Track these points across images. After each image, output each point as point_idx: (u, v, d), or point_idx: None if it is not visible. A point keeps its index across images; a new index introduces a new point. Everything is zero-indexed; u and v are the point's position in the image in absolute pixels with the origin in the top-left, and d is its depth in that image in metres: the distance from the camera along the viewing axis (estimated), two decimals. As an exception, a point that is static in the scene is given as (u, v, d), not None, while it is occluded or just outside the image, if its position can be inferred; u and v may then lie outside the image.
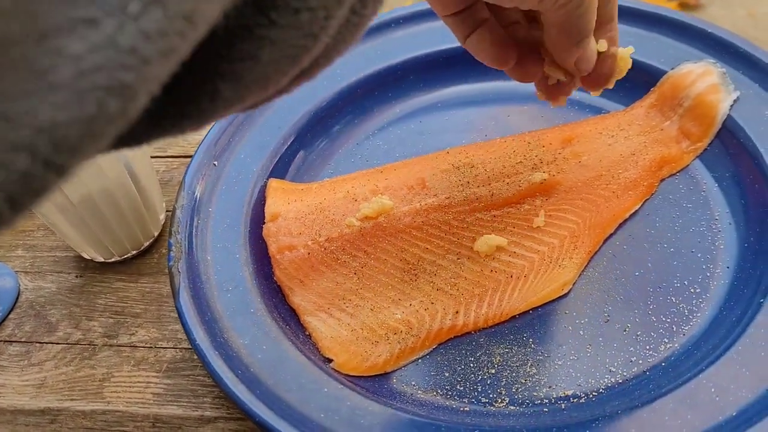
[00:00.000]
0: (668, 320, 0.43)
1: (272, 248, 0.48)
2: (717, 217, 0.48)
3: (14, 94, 0.12)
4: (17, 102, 0.12)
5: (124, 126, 0.14)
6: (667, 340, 0.42)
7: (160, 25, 0.14)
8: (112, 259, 0.52)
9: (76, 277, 0.53)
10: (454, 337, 0.44)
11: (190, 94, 0.18)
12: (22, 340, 0.49)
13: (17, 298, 0.52)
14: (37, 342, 0.49)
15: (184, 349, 0.47)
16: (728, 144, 0.50)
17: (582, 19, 0.36)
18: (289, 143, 0.54)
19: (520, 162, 0.50)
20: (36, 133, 0.13)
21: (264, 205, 0.51)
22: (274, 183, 0.52)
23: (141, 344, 0.48)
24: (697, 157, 0.51)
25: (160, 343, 0.48)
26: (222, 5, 0.15)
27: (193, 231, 0.48)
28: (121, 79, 0.13)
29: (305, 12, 0.17)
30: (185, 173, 0.50)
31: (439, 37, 0.59)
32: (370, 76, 0.58)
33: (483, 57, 0.42)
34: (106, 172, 0.46)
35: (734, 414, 0.36)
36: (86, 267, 0.53)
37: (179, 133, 0.19)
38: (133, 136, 0.18)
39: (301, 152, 0.55)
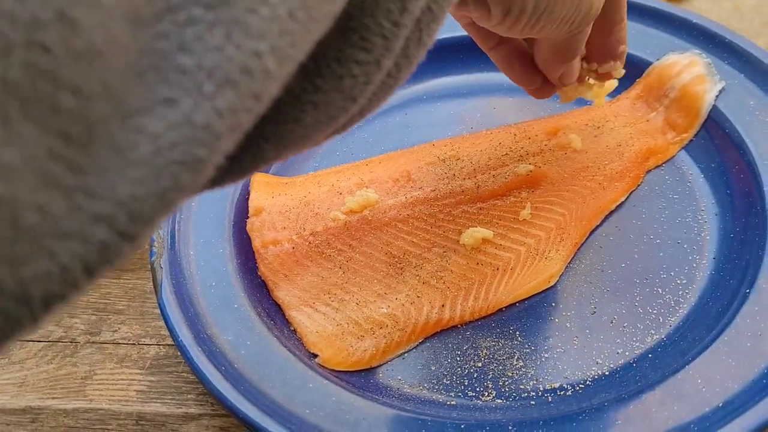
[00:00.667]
0: (654, 311, 0.43)
1: (256, 243, 0.47)
2: (703, 208, 0.47)
3: (97, 170, 0.13)
4: (100, 177, 0.13)
5: (192, 196, 0.15)
6: (653, 331, 0.42)
7: (232, 104, 0.15)
8: (94, 255, 0.52)
9: (58, 273, 0.52)
10: (441, 330, 0.44)
11: (234, 154, 0.18)
12: (3, 338, 0.48)
13: (-3, 296, 0.51)
14: (17, 340, 0.48)
15: (168, 345, 0.47)
16: (714, 134, 0.50)
17: (578, 43, 0.39)
18: (272, 136, 0.53)
19: (506, 154, 0.50)
20: (115, 206, 0.13)
21: (248, 199, 0.50)
22: (257, 176, 0.51)
23: (124, 341, 0.47)
24: (683, 148, 0.51)
25: (143, 339, 0.47)
26: (283, 82, 0.16)
27: (176, 226, 0.47)
28: (195, 153, 0.14)
29: (348, 78, 0.18)
30: (167, 167, 0.50)
31: (424, 28, 0.59)
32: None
33: (511, 77, 0.45)
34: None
35: (720, 405, 0.36)
36: (68, 263, 0.53)
37: (218, 187, 0.20)
38: None
39: (285, 145, 0.54)
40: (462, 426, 0.37)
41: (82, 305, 0.50)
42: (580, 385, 0.40)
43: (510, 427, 0.37)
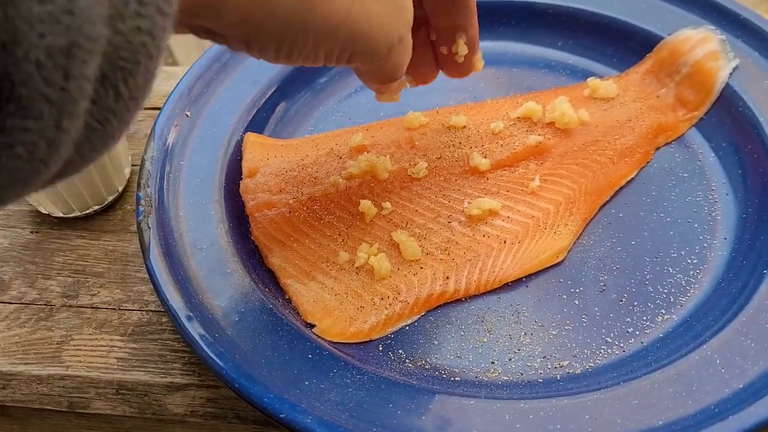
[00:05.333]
0: (665, 291, 0.42)
1: (250, 206, 0.45)
2: (714, 188, 0.46)
3: None
4: None
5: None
6: (664, 311, 0.41)
7: None
8: (72, 215, 0.48)
9: (31, 232, 0.49)
10: (444, 303, 0.42)
11: None
12: (-30, 298, 0.45)
13: (-36, 254, 0.47)
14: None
15: (152, 311, 0.44)
16: (726, 113, 0.48)
17: (390, 72, 0.36)
18: (269, 94, 0.50)
19: (514, 124, 0.48)
20: None
21: (239, 160, 0.47)
22: (251, 137, 0.48)
23: (103, 305, 0.44)
24: (694, 125, 0.49)
25: (124, 304, 0.44)
26: None
27: (164, 185, 0.44)
28: None
29: (20, 146, 0.17)
30: (155, 123, 0.47)
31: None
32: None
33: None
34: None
35: (741, 387, 0.34)
36: (42, 222, 0.49)
37: None
38: None
39: (281, 104, 0.51)
40: (471, 402, 0.35)
41: (57, 266, 0.46)
42: (590, 364, 0.39)
43: (522, 404, 0.35)
